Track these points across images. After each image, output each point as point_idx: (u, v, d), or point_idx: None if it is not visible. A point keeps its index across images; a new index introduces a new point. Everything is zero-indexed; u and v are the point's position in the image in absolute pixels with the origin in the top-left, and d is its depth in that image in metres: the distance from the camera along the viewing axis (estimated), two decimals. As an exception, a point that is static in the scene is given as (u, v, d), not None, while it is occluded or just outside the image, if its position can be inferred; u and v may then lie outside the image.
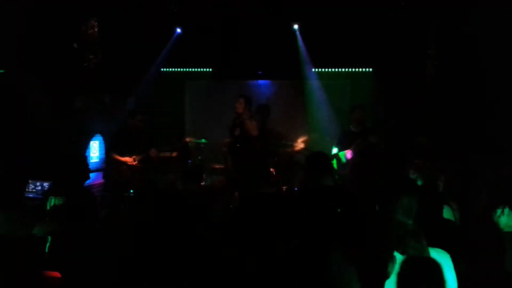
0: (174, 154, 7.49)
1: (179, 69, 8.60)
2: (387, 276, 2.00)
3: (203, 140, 7.50)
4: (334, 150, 6.30)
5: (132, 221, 2.92)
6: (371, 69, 7.74)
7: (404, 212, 2.62)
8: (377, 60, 7.17)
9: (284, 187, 6.62)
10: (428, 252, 2.23)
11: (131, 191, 4.94)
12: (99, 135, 7.43)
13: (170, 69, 8.59)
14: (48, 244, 3.62)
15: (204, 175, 7.23)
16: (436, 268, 1.99)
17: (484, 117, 6.08)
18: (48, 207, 4.37)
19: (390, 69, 6.99)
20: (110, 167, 6.26)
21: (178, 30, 7.78)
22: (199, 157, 7.53)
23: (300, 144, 7.61)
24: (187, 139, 7.86)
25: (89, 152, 7.21)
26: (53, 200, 4.29)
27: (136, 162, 6.20)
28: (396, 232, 2.25)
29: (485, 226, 2.97)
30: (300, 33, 7.53)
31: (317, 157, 3.94)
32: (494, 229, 2.87)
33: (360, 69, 7.85)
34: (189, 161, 7.36)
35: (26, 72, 6.42)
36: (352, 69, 7.89)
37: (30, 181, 4.87)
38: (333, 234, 1.80)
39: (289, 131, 7.73)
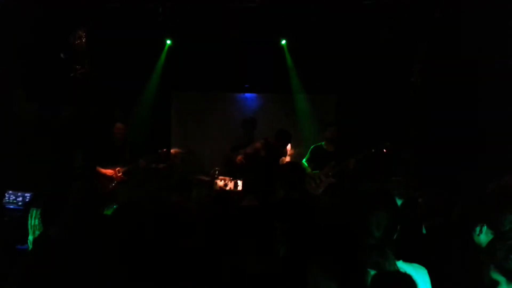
0: (161, 165, 7.46)
1: (166, 80, 8.58)
2: None
3: None
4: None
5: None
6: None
7: (373, 227, 2.61)
8: (362, 77, 7.21)
9: (273, 199, 6.61)
10: (395, 267, 2.20)
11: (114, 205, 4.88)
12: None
13: (158, 80, 8.56)
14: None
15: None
16: (408, 282, 1.97)
17: (469, 132, 6.16)
18: (29, 219, 4.32)
19: (375, 85, 7.06)
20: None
21: (168, 41, 7.78)
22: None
23: (286, 157, 7.63)
24: (173, 151, 7.83)
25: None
26: (34, 212, 4.24)
27: (120, 174, 6.15)
28: (363, 246, 2.23)
29: (460, 243, 2.99)
30: (288, 49, 7.58)
31: (285, 169, 3.88)
32: (470, 247, 2.88)
33: (346, 84, 7.89)
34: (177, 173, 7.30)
35: (12, 82, 6.37)
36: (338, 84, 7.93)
37: (10, 191, 4.80)
38: (308, 250, 1.80)
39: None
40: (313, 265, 1.79)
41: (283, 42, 7.54)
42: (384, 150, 5.84)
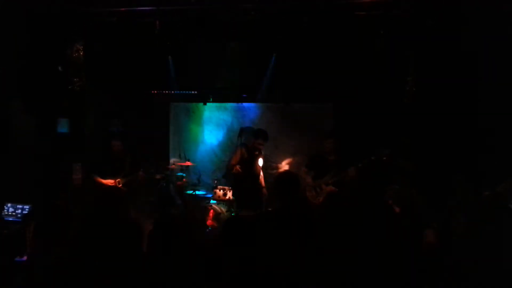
0: (158, 176, 7.48)
1: (164, 91, 8.63)
2: None
3: None
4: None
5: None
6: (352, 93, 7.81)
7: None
8: (358, 86, 7.25)
9: (269, 209, 6.63)
10: None
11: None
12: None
13: (155, 91, 8.61)
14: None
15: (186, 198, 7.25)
16: None
17: (465, 139, 6.18)
18: (28, 232, 4.32)
19: (370, 94, 7.10)
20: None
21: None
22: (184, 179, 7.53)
23: (284, 166, 7.67)
24: (171, 161, 7.86)
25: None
26: (33, 224, 4.25)
27: (120, 185, 6.15)
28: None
29: (464, 248, 3.01)
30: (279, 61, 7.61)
31: (280, 179, 3.89)
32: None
33: (342, 93, 7.94)
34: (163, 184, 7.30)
35: (11, 95, 6.40)
36: (335, 92, 7.98)
37: (9, 204, 4.81)
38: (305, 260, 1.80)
39: (274, 153, 7.77)
40: (308, 277, 1.80)
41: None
42: (384, 158, 5.84)
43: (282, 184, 3.72)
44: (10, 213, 4.87)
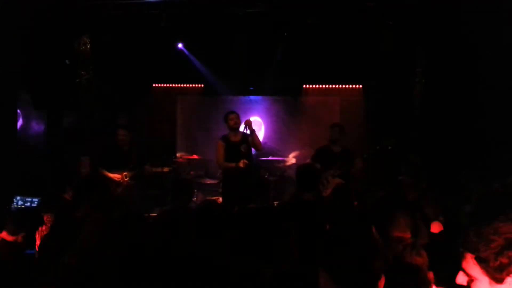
0: (166, 169, 7.49)
1: (171, 85, 8.64)
2: None
3: None
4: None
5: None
6: (360, 86, 7.80)
7: (400, 228, 2.63)
8: (366, 79, 7.23)
9: (275, 202, 6.62)
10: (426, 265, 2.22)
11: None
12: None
13: (162, 85, 8.63)
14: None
15: (195, 191, 7.26)
16: None
17: (471, 132, 6.15)
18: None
19: (379, 87, 7.07)
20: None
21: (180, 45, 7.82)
22: (191, 172, 7.56)
23: (291, 159, 7.65)
24: (178, 154, 7.87)
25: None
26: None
27: (127, 178, 6.16)
28: (394, 249, 2.24)
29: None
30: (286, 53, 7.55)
31: (300, 170, 3.92)
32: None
33: (350, 86, 7.92)
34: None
35: (18, 88, 6.43)
36: (341, 85, 7.97)
37: (18, 197, 4.83)
38: (317, 253, 1.78)
39: (280, 146, 7.76)
40: (324, 271, 1.77)
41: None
42: (389, 148, 5.81)
43: (301, 176, 3.74)
44: (19, 206, 4.89)
